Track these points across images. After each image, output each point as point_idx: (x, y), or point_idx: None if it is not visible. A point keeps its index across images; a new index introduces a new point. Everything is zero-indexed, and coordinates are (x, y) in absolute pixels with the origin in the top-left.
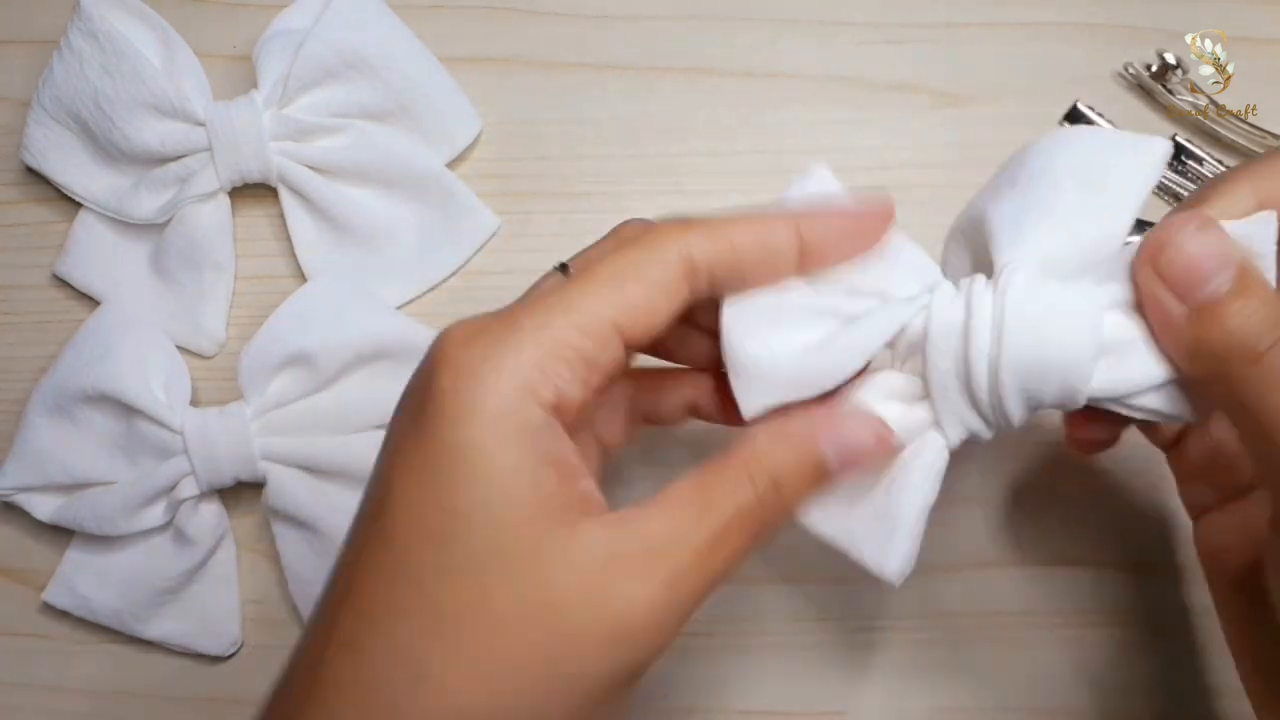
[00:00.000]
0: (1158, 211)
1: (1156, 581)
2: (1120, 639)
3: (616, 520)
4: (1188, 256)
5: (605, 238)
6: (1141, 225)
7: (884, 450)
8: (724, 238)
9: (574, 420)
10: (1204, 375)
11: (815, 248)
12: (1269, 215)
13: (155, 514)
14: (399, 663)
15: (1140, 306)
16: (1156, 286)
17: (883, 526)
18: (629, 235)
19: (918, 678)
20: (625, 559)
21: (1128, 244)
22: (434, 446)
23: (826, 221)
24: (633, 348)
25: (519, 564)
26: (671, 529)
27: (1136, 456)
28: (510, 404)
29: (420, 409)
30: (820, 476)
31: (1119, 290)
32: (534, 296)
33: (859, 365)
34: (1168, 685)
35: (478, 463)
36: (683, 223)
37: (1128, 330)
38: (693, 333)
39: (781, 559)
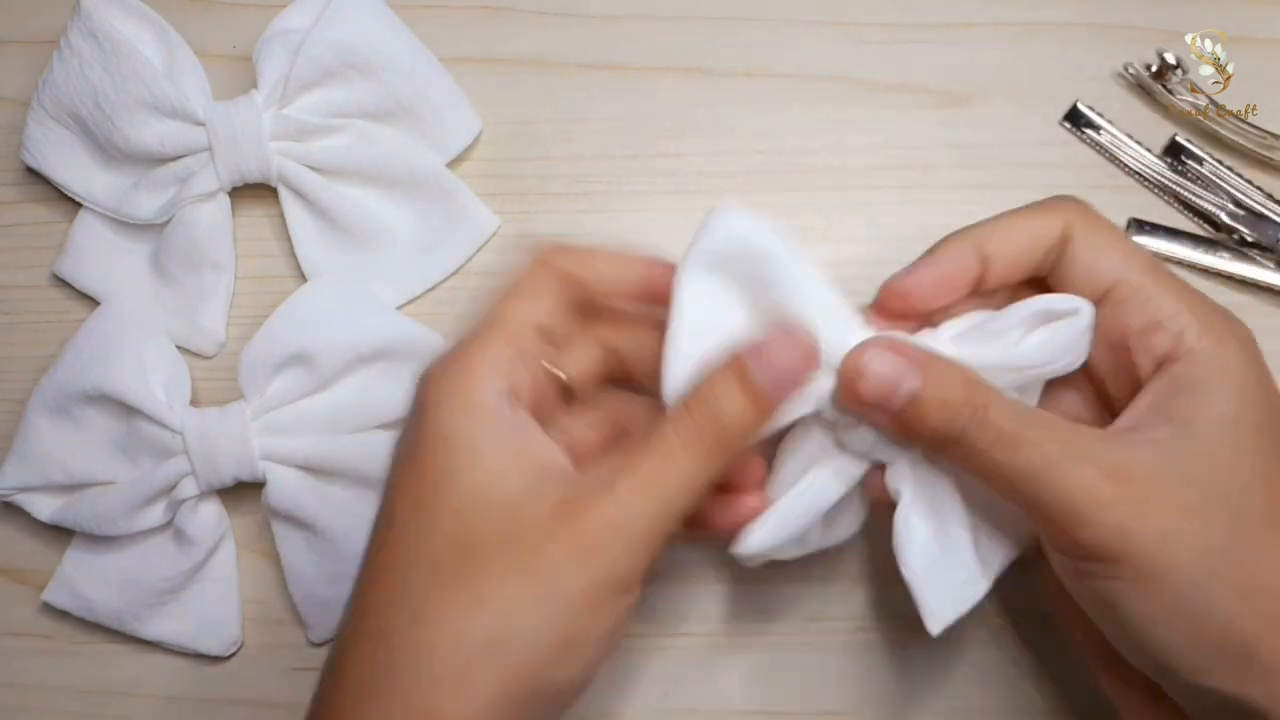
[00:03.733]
0: (1164, 211)
1: None
2: None
3: (580, 470)
4: (874, 377)
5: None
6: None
7: (805, 360)
8: (586, 260)
9: (532, 391)
10: (938, 454)
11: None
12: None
13: (155, 514)
14: (396, 609)
15: None
16: (863, 410)
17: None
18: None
19: (919, 678)
20: (587, 490)
21: None
22: (418, 437)
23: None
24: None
25: (493, 508)
26: (624, 461)
27: None
28: (472, 391)
29: (409, 418)
30: (756, 398)
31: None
32: (477, 321)
33: None
34: None
35: (447, 443)
36: (559, 248)
37: None
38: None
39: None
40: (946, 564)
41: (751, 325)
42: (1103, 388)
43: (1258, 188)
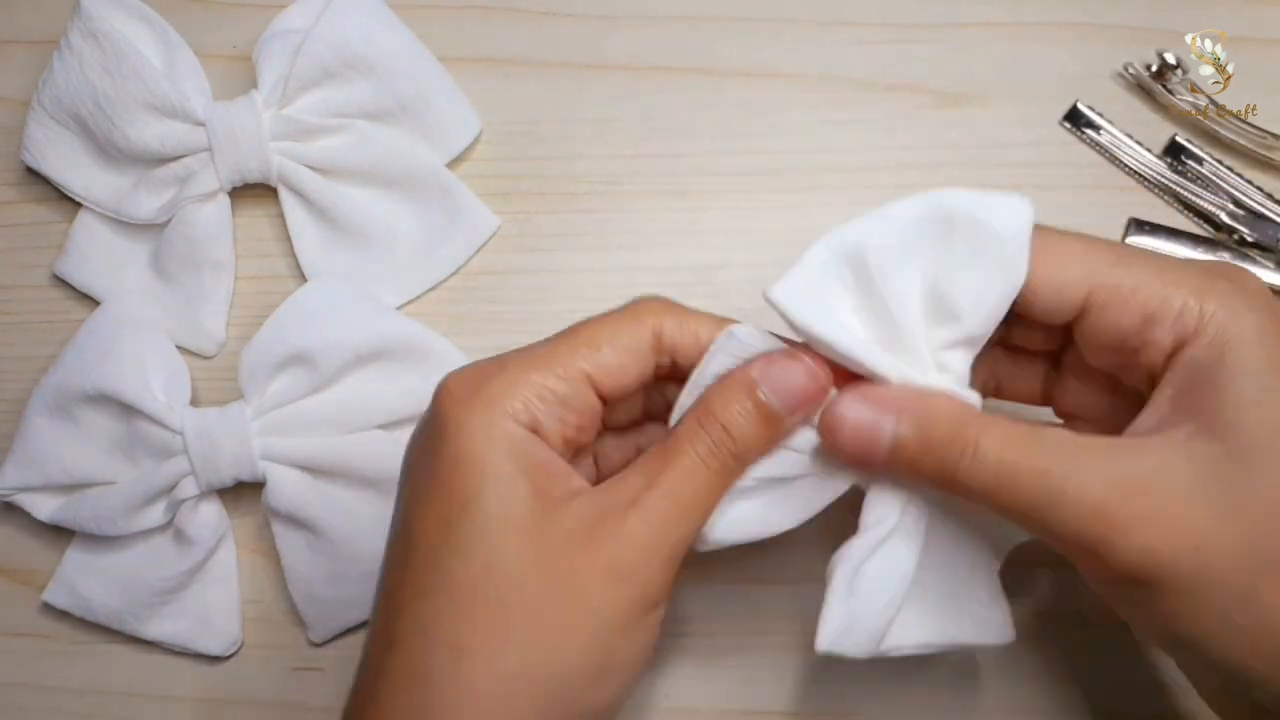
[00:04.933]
0: (1164, 211)
1: None
2: (1128, 640)
3: (600, 488)
4: (851, 427)
5: (618, 309)
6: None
7: (815, 385)
8: (690, 328)
9: (564, 451)
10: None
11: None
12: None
13: (155, 514)
14: (434, 643)
15: None
16: (850, 464)
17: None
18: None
19: (920, 678)
20: (612, 509)
21: None
22: (439, 456)
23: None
24: (607, 399)
25: (520, 533)
26: (645, 479)
27: None
28: (495, 422)
29: (427, 431)
30: (766, 416)
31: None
32: (527, 347)
33: None
34: (1177, 686)
35: (473, 466)
36: (664, 305)
37: None
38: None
39: (782, 559)
40: (862, 602)
41: None
42: (1120, 388)
43: (1258, 188)
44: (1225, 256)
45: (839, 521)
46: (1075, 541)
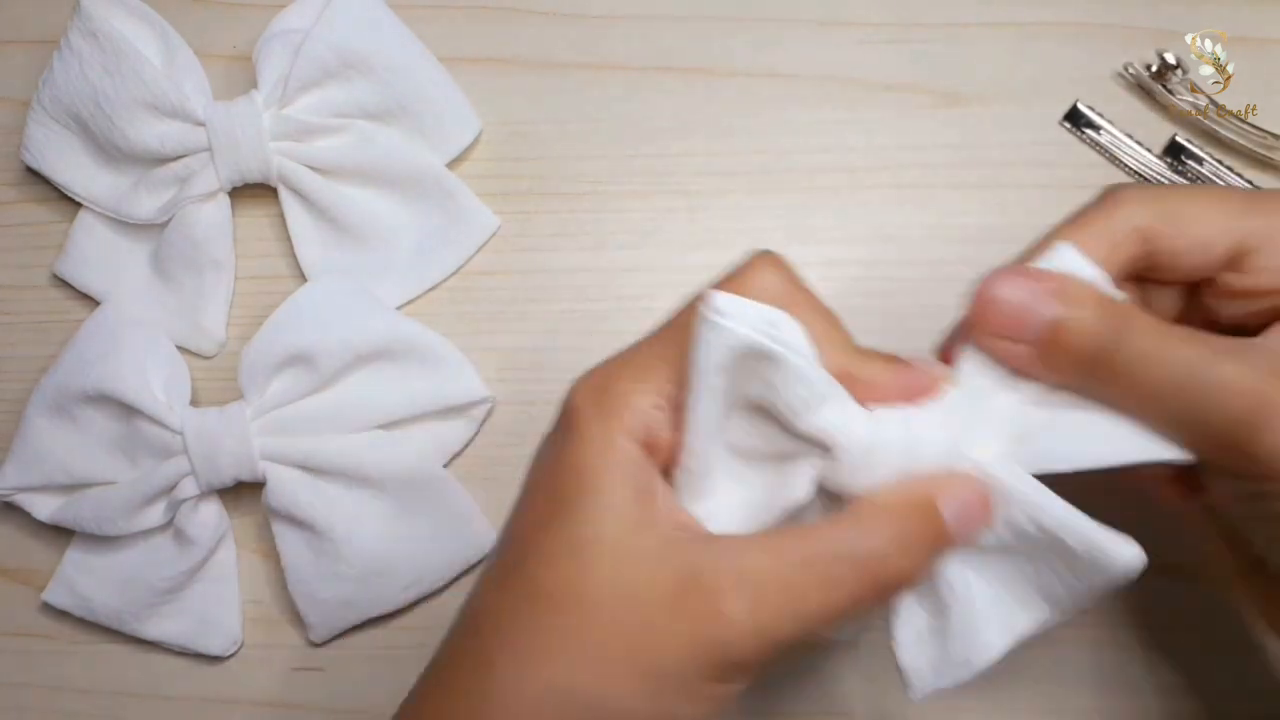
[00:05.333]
0: None
1: (1167, 582)
2: (1129, 639)
3: (717, 540)
4: (1006, 304)
5: (736, 268)
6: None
7: (986, 511)
8: (815, 316)
9: (669, 458)
10: (1086, 392)
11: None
12: (1066, 246)
13: (155, 514)
14: (503, 643)
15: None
16: (995, 343)
17: None
18: (752, 273)
19: None
20: (716, 574)
21: None
22: (555, 461)
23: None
24: None
25: (613, 560)
26: (770, 562)
27: None
28: (610, 437)
29: (552, 435)
30: (938, 538)
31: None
32: (646, 343)
33: None
34: (1177, 686)
35: (585, 477)
36: (788, 285)
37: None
38: None
39: None
40: (935, 636)
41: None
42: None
43: (1258, 188)
44: None
45: None
46: (1221, 430)
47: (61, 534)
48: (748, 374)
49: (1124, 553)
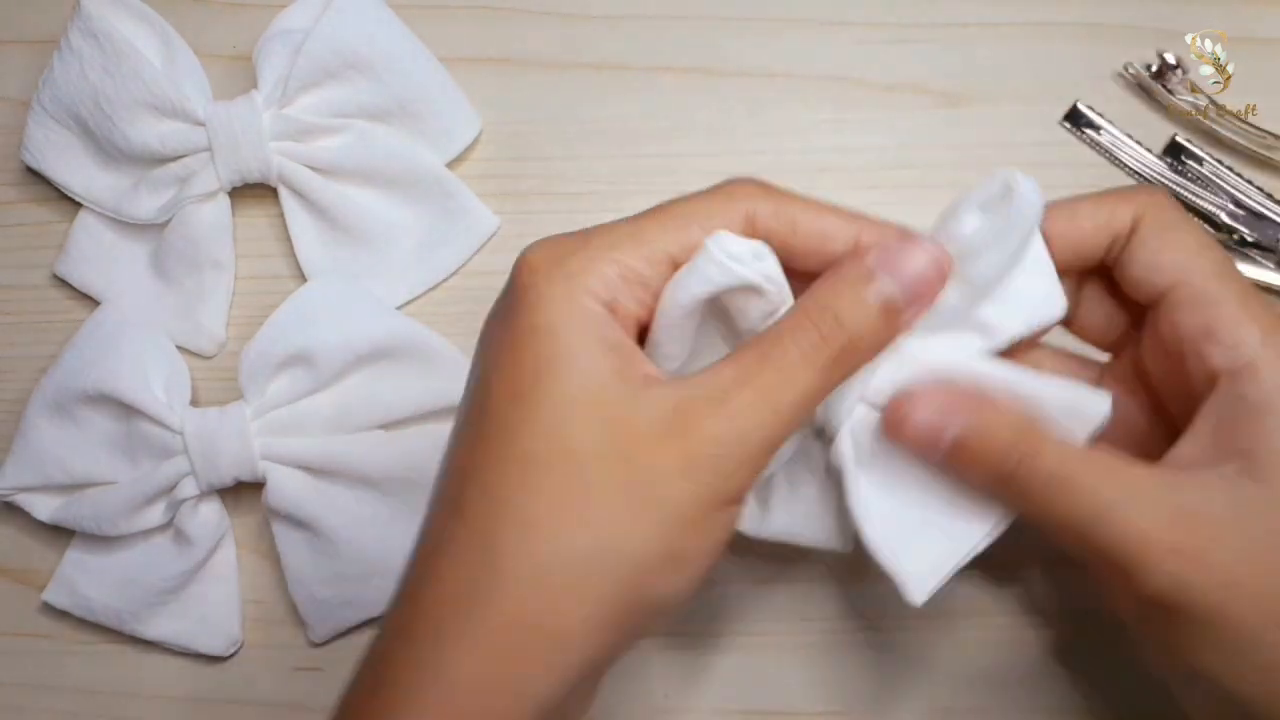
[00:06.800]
0: None
1: None
2: (1127, 640)
3: (685, 380)
4: (919, 422)
5: (718, 187)
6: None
7: (938, 273)
8: (788, 214)
9: (634, 333)
10: (990, 495)
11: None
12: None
13: (155, 514)
14: (500, 514)
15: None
16: (913, 449)
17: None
18: (719, 185)
19: (919, 678)
20: (695, 401)
21: None
22: (516, 327)
23: (886, 232)
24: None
25: (596, 412)
26: (737, 373)
27: None
28: (575, 297)
29: (505, 301)
30: (885, 307)
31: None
32: (612, 223)
33: None
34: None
35: (551, 338)
36: (759, 187)
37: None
38: None
39: (783, 558)
40: (915, 527)
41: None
42: (1158, 397)
43: (1258, 188)
44: None
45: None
46: (1112, 561)
47: (61, 534)
48: (728, 297)
49: (1096, 403)
